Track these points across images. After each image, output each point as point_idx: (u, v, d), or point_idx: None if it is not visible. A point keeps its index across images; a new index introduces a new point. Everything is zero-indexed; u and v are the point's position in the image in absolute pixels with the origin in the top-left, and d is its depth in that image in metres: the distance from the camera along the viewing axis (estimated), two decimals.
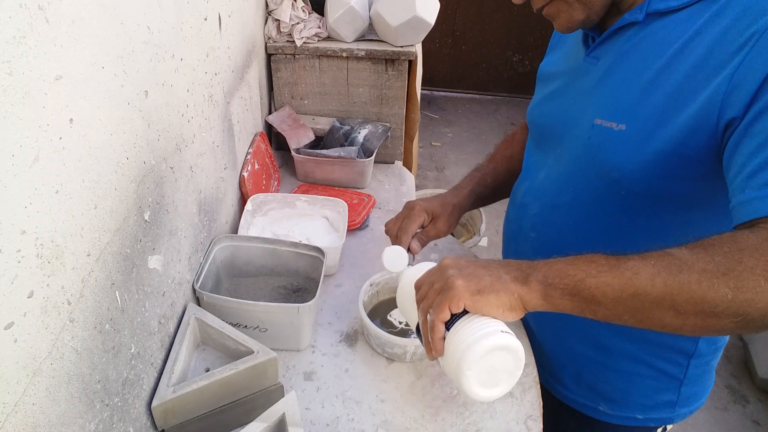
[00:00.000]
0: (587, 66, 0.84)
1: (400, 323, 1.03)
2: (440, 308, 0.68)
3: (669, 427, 0.96)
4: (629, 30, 0.77)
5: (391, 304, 1.08)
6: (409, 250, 0.96)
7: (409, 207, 1.02)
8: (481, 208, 2.35)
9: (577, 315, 0.64)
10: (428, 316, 0.70)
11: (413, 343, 0.96)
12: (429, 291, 0.71)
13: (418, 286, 0.74)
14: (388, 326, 1.04)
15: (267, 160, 1.44)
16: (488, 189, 1.12)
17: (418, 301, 0.73)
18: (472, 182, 1.11)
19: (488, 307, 0.66)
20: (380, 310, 1.08)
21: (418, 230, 1.02)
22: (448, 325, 0.69)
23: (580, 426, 1.00)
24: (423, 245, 1.00)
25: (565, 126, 0.87)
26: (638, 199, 0.77)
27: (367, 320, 0.96)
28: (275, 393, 0.87)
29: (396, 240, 0.99)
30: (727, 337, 0.90)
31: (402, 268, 0.74)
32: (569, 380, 0.99)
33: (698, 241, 0.59)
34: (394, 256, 0.80)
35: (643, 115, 0.73)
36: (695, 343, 0.86)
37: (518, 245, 0.99)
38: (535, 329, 1.02)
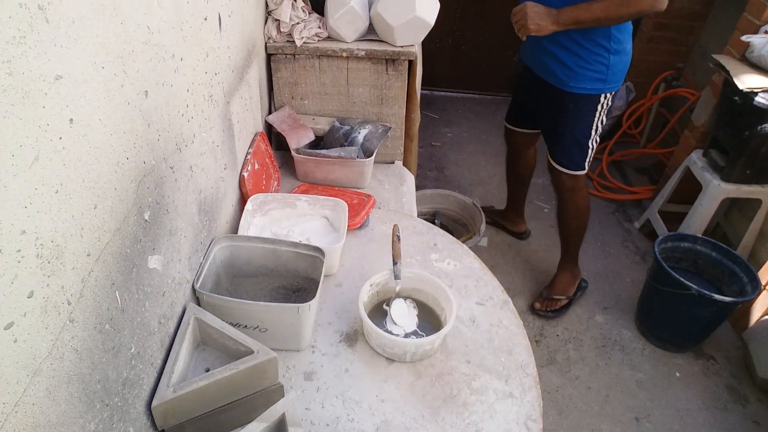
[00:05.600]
0: None
1: (395, 323, 1.03)
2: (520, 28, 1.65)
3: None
4: None
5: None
6: None
7: None
8: (481, 209, 2.35)
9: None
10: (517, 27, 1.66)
11: (413, 344, 0.96)
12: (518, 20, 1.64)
13: (515, 12, 1.66)
14: (383, 316, 1.06)
15: (267, 160, 1.44)
16: None
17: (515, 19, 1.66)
18: None
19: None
20: (380, 310, 1.08)
21: None
22: None
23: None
24: None
25: None
26: None
27: (367, 320, 0.96)
28: (275, 393, 0.87)
29: None
30: (626, 45, 1.71)
31: None
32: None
33: None
34: None
35: None
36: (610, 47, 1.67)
37: None
38: None
